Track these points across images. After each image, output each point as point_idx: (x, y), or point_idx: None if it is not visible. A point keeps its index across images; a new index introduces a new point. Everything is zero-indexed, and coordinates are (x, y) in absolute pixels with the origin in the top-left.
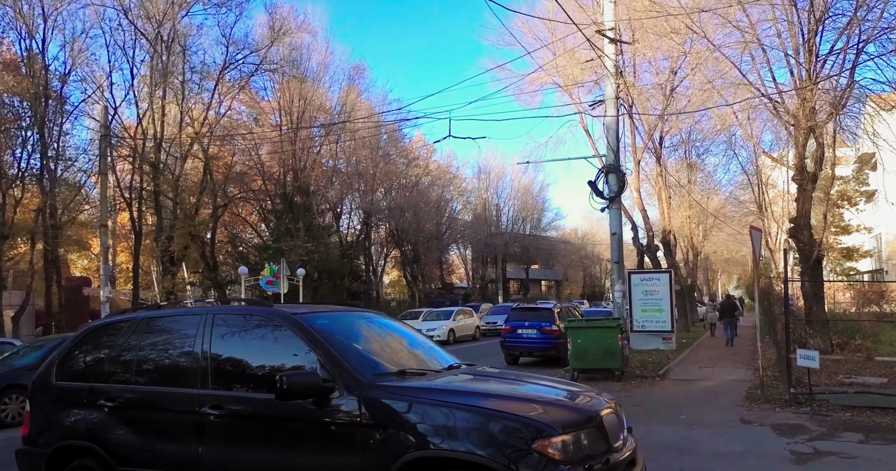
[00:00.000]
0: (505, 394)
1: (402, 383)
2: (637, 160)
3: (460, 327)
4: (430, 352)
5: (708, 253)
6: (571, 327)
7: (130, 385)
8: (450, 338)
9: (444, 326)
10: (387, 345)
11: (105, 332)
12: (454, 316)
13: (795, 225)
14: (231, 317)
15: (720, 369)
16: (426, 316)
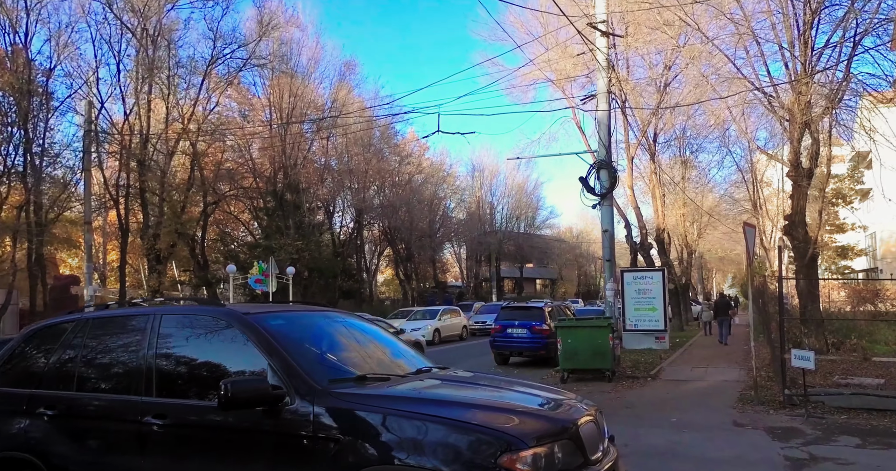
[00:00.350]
0: (471, 402)
1: (360, 390)
2: (630, 157)
3: (446, 327)
4: (399, 354)
5: (702, 252)
6: (561, 327)
7: (72, 392)
8: (435, 338)
9: (429, 325)
10: (351, 347)
11: (48, 333)
12: (440, 315)
13: (790, 222)
14: (179, 318)
15: (713, 369)
16: (412, 315)
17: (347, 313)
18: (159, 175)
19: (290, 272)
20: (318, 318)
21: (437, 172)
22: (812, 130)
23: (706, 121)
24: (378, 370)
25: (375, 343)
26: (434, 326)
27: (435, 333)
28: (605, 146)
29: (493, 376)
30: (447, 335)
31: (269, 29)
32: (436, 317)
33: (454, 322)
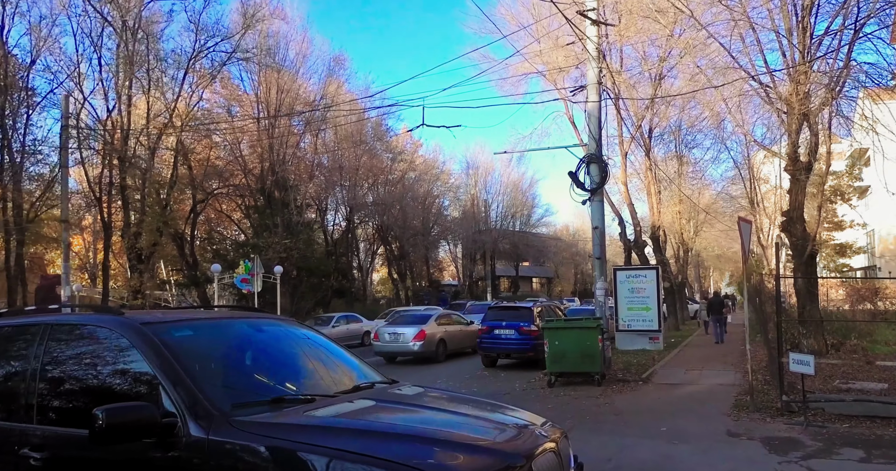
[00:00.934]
0: (399, 432)
1: (269, 416)
2: (624, 153)
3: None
4: (340, 367)
5: (699, 250)
6: (548, 328)
7: None
8: None
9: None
10: (279, 362)
11: None
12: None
13: (788, 218)
14: (68, 329)
15: (708, 372)
16: (388, 318)
17: (285, 320)
18: (141, 172)
19: (278, 271)
20: (242, 327)
21: (431, 170)
22: (811, 122)
23: (701, 113)
24: (308, 388)
25: (314, 355)
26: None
27: None
28: (595, 139)
29: (446, 392)
30: None
31: (254, 21)
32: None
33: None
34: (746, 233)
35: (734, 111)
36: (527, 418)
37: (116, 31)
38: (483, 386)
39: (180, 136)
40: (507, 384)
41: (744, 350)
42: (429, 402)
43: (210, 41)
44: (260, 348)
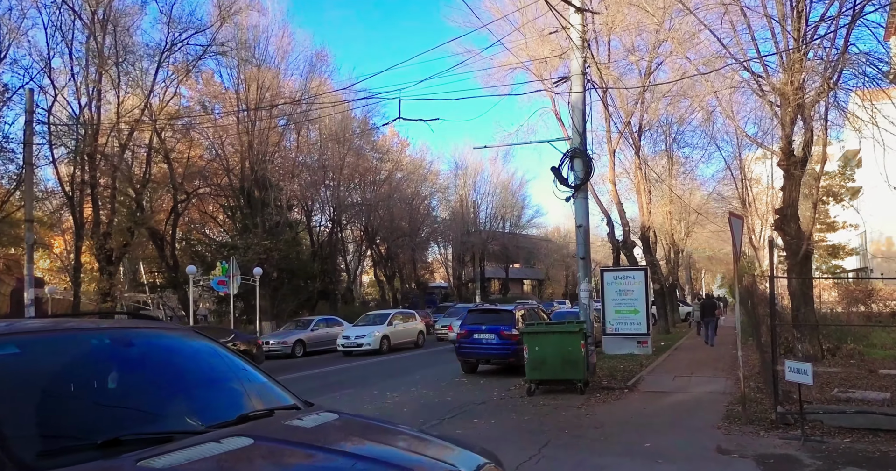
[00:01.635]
0: None
1: (86, 469)
2: (612, 150)
3: (398, 333)
4: (236, 390)
5: (690, 251)
6: (527, 332)
7: None
8: (383, 346)
9: (375, 332)
10: (142, 387)
11: None
12: (390, 320)
13: (781, 216)
14: None
15: (698, 379)
16: (359, 321)
17: (180, 331)
18: (111, 169)
19: (257, 273)
20: (100, 341)
21: (418, 169)
22: (805, 114)
23: (690, 107)
24: (174, 421)
25: (204, 375)
26: (382, 332)
27: (383, 341)
28: (579, 133)
29: (364, 420)
30: (399, 343)
31: (230, 13)
32: (385, 322)
33: (408, 328)
34: (738, 230)
35: (725, 105)
36: (457, 458)
37: (86, 23)
38: (459, 394)
39: (154, 133)
40: (484, 393)
41: (735, 355)
42: (329, 438)
43: (184, 34)
44: (121, 369)
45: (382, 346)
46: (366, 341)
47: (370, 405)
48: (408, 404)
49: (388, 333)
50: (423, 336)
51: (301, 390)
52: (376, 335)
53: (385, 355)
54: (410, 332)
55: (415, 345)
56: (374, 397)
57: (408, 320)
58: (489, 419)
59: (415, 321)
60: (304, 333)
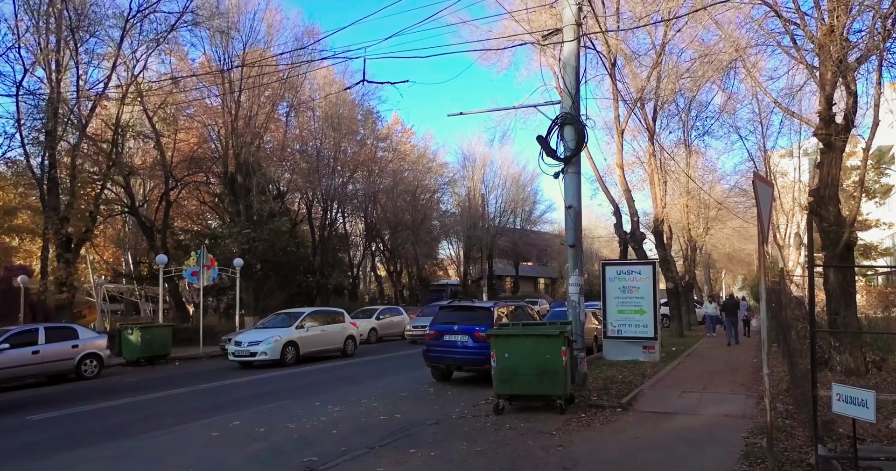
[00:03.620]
0: None
1: None
2: (621, 131)
3: (312, 339)
4: None
5: (710, 249)
6: (496, 335)
7: None
8: (287, 356)
9: (274, 338)
10: None
11: None
12: (301, 321)
13: (818, 198)
14: None
15: (710, 396)
16: (266, 321)
17: None
18: (69, 149)
19: (238, 264)
20: None
21: (422, 159)
22: (848, 75)
23: (710, 78)
24: None
25: None
26: (287, 337)
27: (287, 349)
28: (571, 94)
29: None
30: (312, 351)
31: None
32: (292, 325)
33: (327, 332)
34: (766, 199)
35: (749, 67)
36: None
37: None
38: (414, 409)
39: (121, 109)
40: (446, 408)
41: (757, 365)
42: None
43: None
44: None
45: (286, 356)
46: (261, 349)
47: (294, 424)
48: (344, 423)
49: (297, 338)
50: (355, 343)
51: (220, 402)
52: (276, 341)
53: (289, 367)
54: (332, 337)
55: (341, 353)
56: (312, 411)
57: (329, 322)
58: (430, 450)
59: (341, 324)
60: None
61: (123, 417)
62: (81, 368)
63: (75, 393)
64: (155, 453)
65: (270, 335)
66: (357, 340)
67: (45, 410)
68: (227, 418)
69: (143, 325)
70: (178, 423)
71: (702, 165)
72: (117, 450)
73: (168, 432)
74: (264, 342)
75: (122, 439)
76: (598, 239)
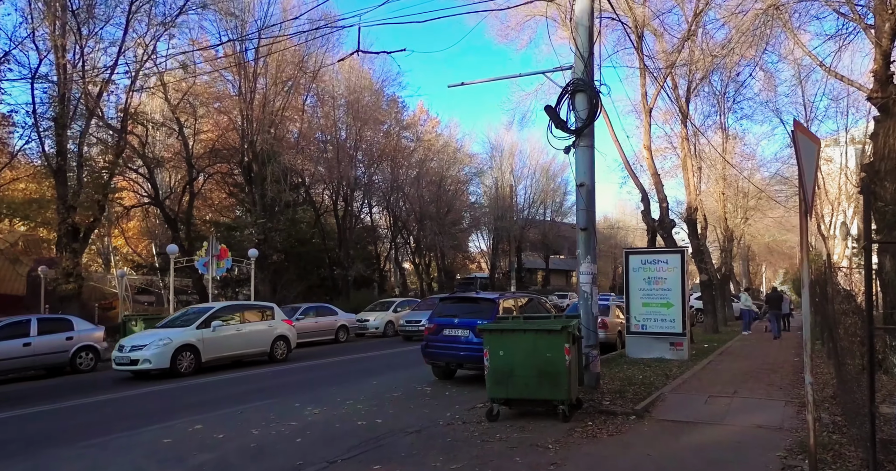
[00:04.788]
0: None
1: None
2: (649, 109)
3: (218, 343)
4: None
5: (748, 241)
6: (490, 330)
7: None
8: (181, 364)
9: (163, 341)
10: None
11: None
12: (207, 319)
13: (871, 173)
14: None
15: (743, 401)
16: (172, 318)
17: None
18: (75, 136)
19: (253, 255)
20: None
21: (446, 148)
22: None
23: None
24: None
25: None
26: (185, 339)
27: (181, 356)
28: (583, 58)
29: None
30: (227, 355)
31: None
32: (194, 323)
33: (248, 332)
34: (809, 156)
35: (789, 21)
36: None
37: None
38: (400, 413)
39: (130, 95)
40: (436, 412)
41: (798, 366)
42: None
43: None
44: None
45: (179, 363)
46: (144, 356)
47: (260, 429)
48: (315, 429)
49: (197, 340)
50: (288, 345)
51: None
52: (166, 345)
53: (186, 378)
54: (253, 338)
55: (269, 358)
56: (288, 413)
57: (251, 319)
58: (397, 466)
59: (268, 322)
60: None
61: (86, 417)
62: (76, 360)
63: (56, 388)
64: (75, 468)
65: (158, 338)
66: (292, 342)
67: (9, 407)
68: (194, 421)
69: (147, 316)
70: (137, 426)
71: (739, 152)
72: (35, 462)
73: (116, 438)
74: (149, 347)
75: (56, 447)
76: (632, 231)
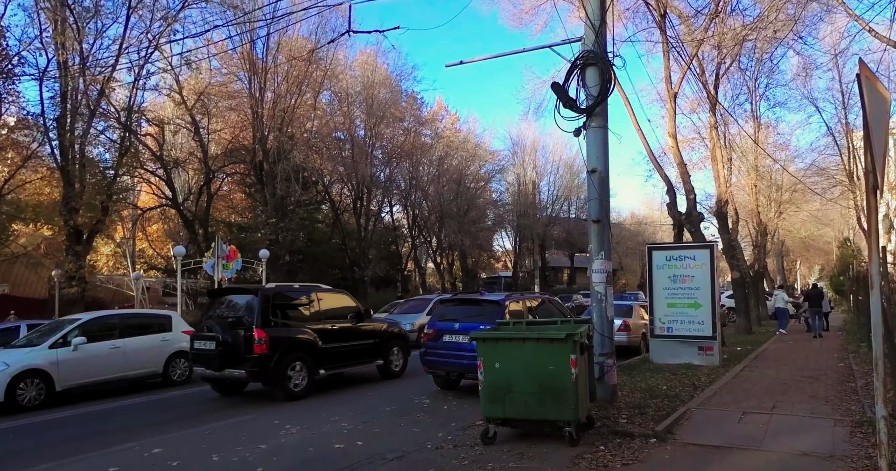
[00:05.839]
0: None
1: None
2: (673, 94)
3: (83, 365)
4: None
5: (782, 236)
6: (482, 338)
7: None
8: (25, 396)
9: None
10: None
11: None
12: (66, 335)
13: None
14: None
15: (783, 417)
16: (30, 336)
17: None
18: (77, 136)
19: (264, 256)
20: None
21: (467, 144)
22: None
23: None
24: None
25: None
26: (31, 363)
27: (24, 385)
28: (594, 27)
29: None
30: (85, 383)
31: None
32: (47, 341)
33: (130, 349)
34: (878, 111)
35: None
36: None
37: None
38: (388, 431)
39: (133, 95)
40: (428, 431)
41: (844, 371)
42: None
43: None
44: None
45: (21, 394)
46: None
47: (222, 454)
48: (284, 453)
49: (47, 364)
50: (186, 364)
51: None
52: (1, 372)
53: (27, 414)
54: (139, 358)
55: (163, 380)
56: (262, 433)
57: (134, 334)
58: None
59: (161, 335)
60: None
61: (36, 439)
62: None
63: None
64: None
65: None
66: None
67: None
68: (156, 442)
69: None
70: (91, 449)
71: (772, 142)
72: None
73: (59, 466)
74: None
75: None
76: (660, 227)
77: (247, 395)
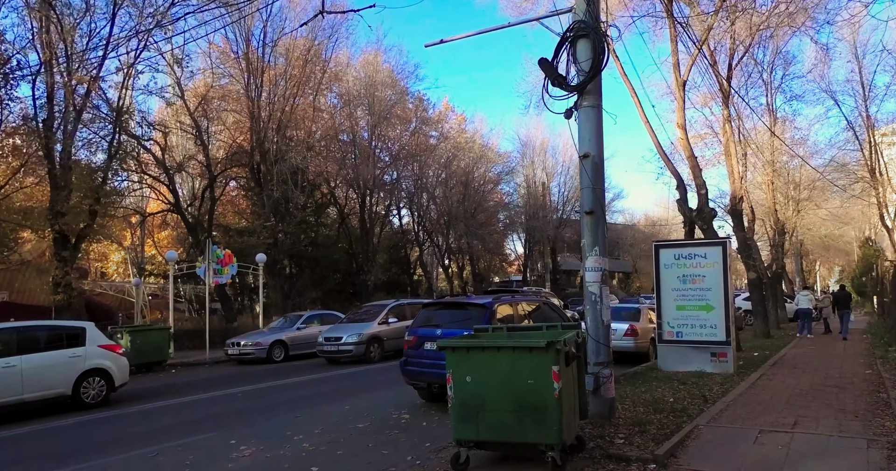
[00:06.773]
0: None
1: None
2: (682, 82)
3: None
4: None
5: (802, 235)
6: (450, 346)
7: None
8: None
9: None
10: None
11: None
12: None
13: None
14: None
15: (806, 436)
16: None
17: None
18: (64, 137)
19: (261, 260)
20: None
21: (474, 145)
22: None
23: None
24: None
25: None
26: None
27: None
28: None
29: None
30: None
31: None
32: None
33: (30, 367)
34: None
35: None
36: None
37: None
38: (352, 453)
39: (122, 95)
40: (397, 452)
41: (871, 374)
42: None
43: None
44: None
45: None
46: None
47: None
48: None
49: None
50: (109, 381)
51: None
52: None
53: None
54: (43, 377)
55: (72, 402)
56: (214, 454)
57: (36, 350)
58: None
59: (74, 350)
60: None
61: None
62: None
63: None
64: None
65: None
66: (117, 377)
67: None
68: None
69: (133, 328)
70: None
71: (789, 137)
72: None
73: None
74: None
75: None
76: (675, 227)
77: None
